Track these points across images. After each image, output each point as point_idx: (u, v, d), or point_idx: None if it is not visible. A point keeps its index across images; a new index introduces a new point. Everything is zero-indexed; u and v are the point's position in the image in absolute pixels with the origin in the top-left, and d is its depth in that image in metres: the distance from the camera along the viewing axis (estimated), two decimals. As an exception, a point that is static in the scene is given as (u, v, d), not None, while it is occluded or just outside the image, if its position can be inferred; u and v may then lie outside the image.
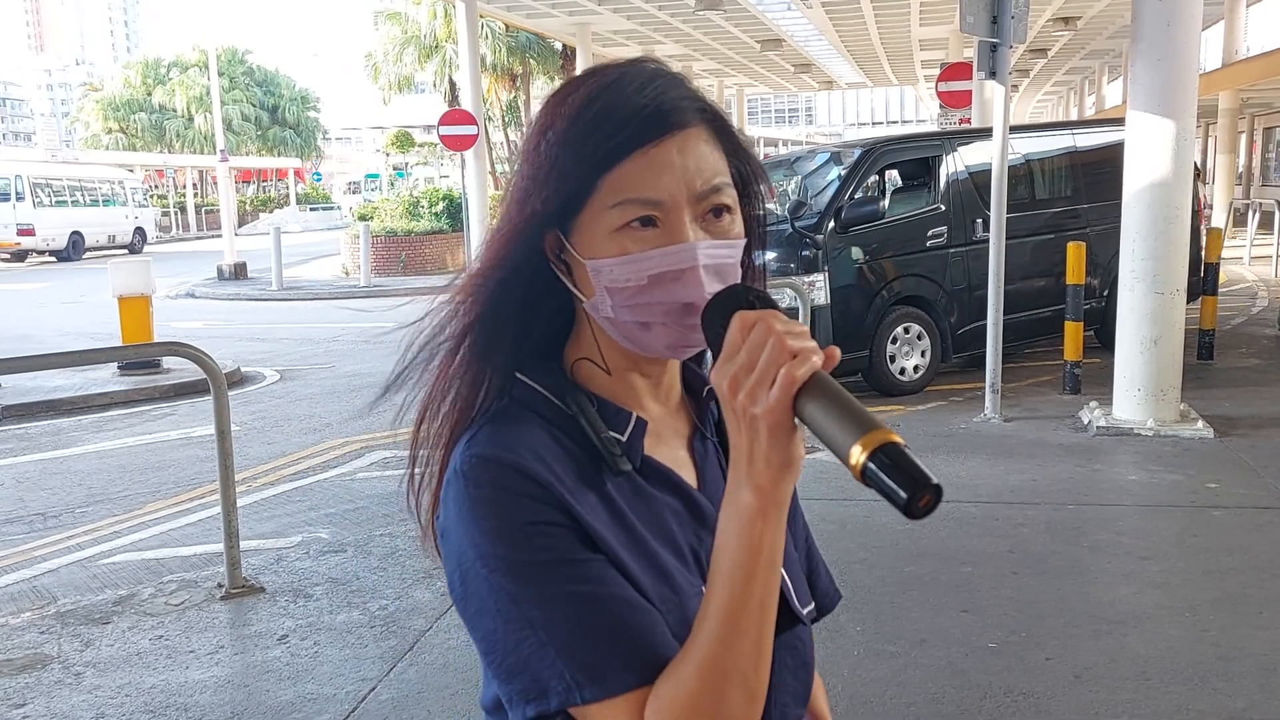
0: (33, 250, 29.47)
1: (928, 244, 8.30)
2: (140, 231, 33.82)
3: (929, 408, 7.74)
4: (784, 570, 1.01)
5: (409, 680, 3.74)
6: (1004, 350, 7.39)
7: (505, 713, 0.92)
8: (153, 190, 46.09)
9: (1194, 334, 8.55)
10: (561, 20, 20.07)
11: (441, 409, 0.98)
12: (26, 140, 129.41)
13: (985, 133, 8.36)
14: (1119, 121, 7.94)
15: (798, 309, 6.95)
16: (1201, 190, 12.66)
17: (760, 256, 1.03)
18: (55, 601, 4.63)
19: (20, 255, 29.64)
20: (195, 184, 48.88)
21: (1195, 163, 7.80)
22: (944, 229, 8.35)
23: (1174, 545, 4.85)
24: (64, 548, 5.37)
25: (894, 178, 9.48)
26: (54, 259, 29.85)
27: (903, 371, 8.15)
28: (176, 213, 45.44)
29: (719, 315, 0.87)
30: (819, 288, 7.67)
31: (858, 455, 0.74)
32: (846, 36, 24.12)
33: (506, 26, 29.03)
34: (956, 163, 8.51)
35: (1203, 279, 9.06)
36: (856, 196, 8.03)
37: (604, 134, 0.91)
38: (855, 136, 31.80)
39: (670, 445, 1.02)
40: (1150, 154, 6.62)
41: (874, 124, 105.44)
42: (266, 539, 5.33)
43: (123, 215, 33.12)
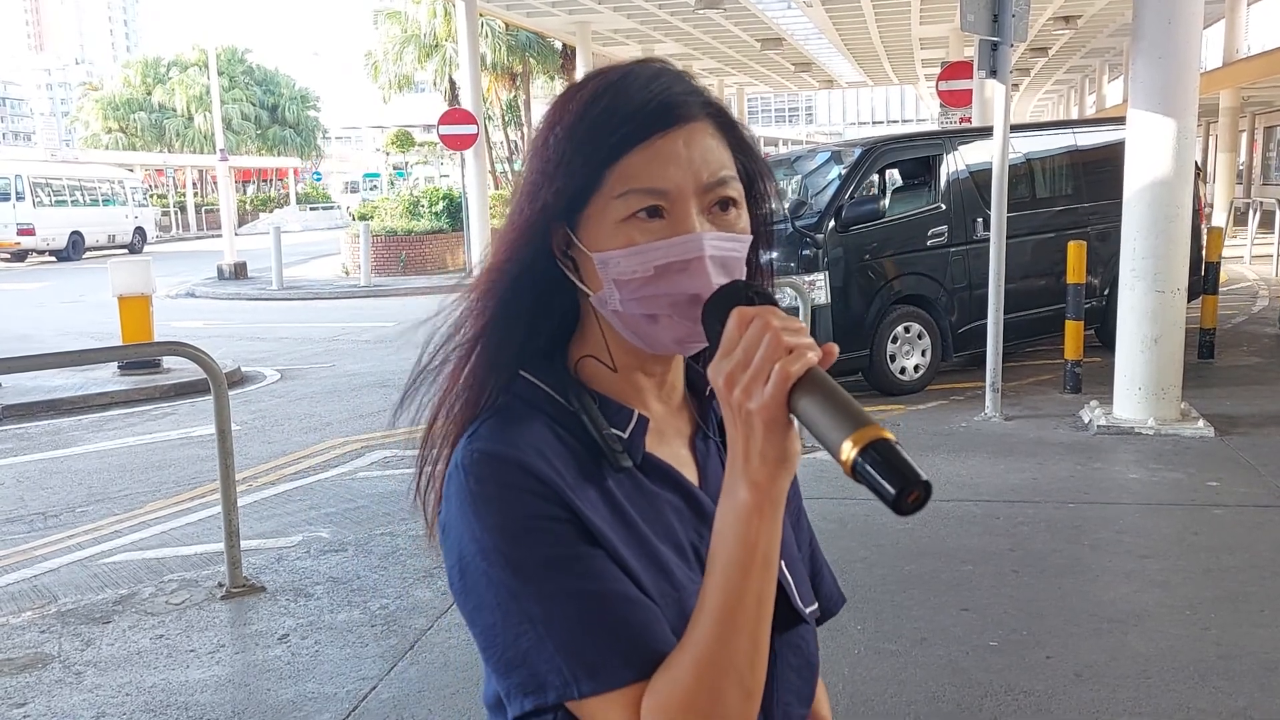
0: (33, 250, 29.49)
1: (928, 243, 8.30)
2: (140, 231, 33.84)
3: (929, 407, 7.74)
4: (786, 569, 1.01)
5: (410, 679, 3.74)
6: (1004, 349, 7.39)
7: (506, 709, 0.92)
8: (152, 190, 46.12)
9: (1194, 333, 8.55)
10: (561, 19, 20.05)
11: (455, 408, 0.99)
12: (26, 140, 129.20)
13: (986, 132, 8.36)
14: (1120, 120, 7.92)
15: (798, 308, 6.95)
16: (1202, 189, 12.64)
17: (767, 255, 1.03)
18: (56, 601, 4.63)
19: (20, 255, 29.65)
20: (195, 183, 48.89)
21: (1196, 161, 7.80)
22: (944, 228, 8.35)
23: (1175, 544, 4.85)
24: (64, 547, 5.37)
25: (894, 177, 9.47)
26: (54, 259, 29.85)
27: (903, 371, 8.15)
28: (176, 212, 45.48)
29: (718, 311, 0.87)
30: (819, 287, 7.67)
31: (848, 451, 0.75)
32: (847, 35, 24.12)
33: (506, 25, 28.99)
34: (957, 162, 8.51)
35: (1203, 278, 9.06)
36: (857, 196, 8.03)
37: (610, 127, 0.91)
38: (856, 135, 31.80)
39: (672, 443, 1.02)
40: (1151, 153, 6.62)
41: (874, 123, 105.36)
42: (267, 538, 5.34)
43: (123, 215, 33.12)
